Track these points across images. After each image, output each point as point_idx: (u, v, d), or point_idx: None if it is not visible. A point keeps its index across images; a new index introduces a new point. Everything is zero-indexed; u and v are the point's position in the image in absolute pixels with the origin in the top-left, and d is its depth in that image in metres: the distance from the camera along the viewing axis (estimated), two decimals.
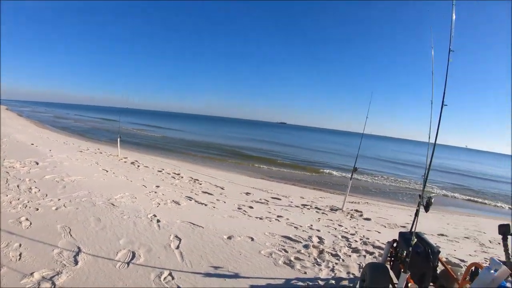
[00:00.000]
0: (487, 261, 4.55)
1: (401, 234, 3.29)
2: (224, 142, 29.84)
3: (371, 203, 9.66)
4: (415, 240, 2.75)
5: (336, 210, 7.49)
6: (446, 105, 2.71)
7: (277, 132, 79.91)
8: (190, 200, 6.50)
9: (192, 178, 9.35)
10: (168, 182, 8.26)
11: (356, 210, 7.66)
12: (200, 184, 8.74)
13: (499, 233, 2.65)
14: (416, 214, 2.85)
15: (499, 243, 2.67)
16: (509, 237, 2.61)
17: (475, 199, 14.89)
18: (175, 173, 9.81)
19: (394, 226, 6.71)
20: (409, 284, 2.61)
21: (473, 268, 2.61)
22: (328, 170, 17.60)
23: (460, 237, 6.67)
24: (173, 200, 6.18)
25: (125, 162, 10.83)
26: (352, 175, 7.69)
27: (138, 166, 10.31)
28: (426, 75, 3.20)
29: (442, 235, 6.53)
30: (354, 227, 6.06)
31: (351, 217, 6.99)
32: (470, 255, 5.32)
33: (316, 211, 7.20)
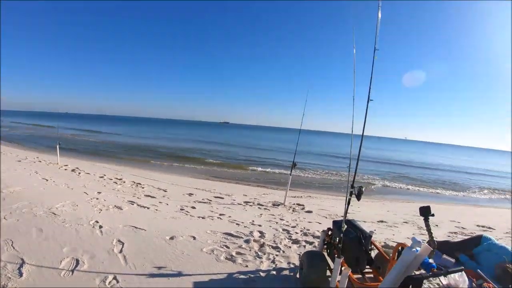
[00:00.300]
0: None
1: (334, 222, 3.50)
2: (166, 144, 29.58)
3: (313, 197, 10.20)
4: (345, 226, 2.97)
5: (278, 205, 7.76)
6: (372, 100, 2.84)
7: (220, 132, 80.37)
8: (133, 204, 6.53)
9: (135, 182, 9.31)
10: (110, 188, 8.16)
11: (298, 204, 7.99)
12: (143, 187, 8.76)
13: (421, 214, 2.77)
14: (348, 203, 2.93)
15: (436, 225, 3.07)
16: (430, 217, 2.86)
17: (414, 187, 15.82)
18: (117, 178, 9.67)
19: (335, 216, 7.08)
20: (343, 268, 2.75)
21: (400, 248, 2.83)
22: (270, 167, 18.13)
23: (399, 222, 7.06)
24: (115, 205, 6.17)
25: (65, 169, 10.37)
26: (291, 170, 7.92)
27: (79, 173, 9.94)
28: (359, 73, 3.18)
29: (382, 221, 6.98)
30: (295, 220, 6.33)
31: (293, 210, 7.30)
32: (408, 238, 5.44)
33: (259, 207, 7.46)
